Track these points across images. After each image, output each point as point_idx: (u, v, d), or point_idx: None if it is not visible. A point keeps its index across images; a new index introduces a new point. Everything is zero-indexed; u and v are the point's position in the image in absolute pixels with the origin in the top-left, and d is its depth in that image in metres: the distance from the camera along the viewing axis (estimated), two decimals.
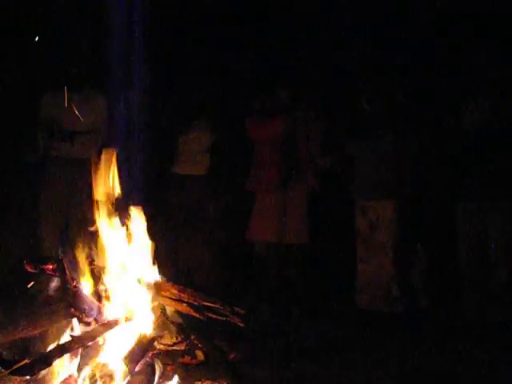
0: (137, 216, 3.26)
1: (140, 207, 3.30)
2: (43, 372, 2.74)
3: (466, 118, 4.53)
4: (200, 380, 2.93)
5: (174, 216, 5.13)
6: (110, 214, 3.19)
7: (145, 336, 3.00)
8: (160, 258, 3.39)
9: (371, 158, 4.85)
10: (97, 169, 3.28)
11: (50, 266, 3.09)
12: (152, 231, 3.30)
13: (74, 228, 4.45)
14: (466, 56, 4.78)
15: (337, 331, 4.04)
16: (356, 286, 4.90)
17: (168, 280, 3.28)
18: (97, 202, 3.21)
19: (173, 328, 3.15)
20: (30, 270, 3.12)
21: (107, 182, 3.26)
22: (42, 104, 4.73)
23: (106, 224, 3.18)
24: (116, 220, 3.21)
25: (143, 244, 3.26)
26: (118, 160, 3.31)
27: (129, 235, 3.24)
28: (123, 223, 3.24)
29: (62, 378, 2.84)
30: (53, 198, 4.66)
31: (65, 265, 3.08)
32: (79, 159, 4.58)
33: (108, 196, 3.23)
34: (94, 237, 3.21)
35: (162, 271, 3.32)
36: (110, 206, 3.20)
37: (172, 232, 5.08)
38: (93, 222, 3.20)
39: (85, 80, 4.72)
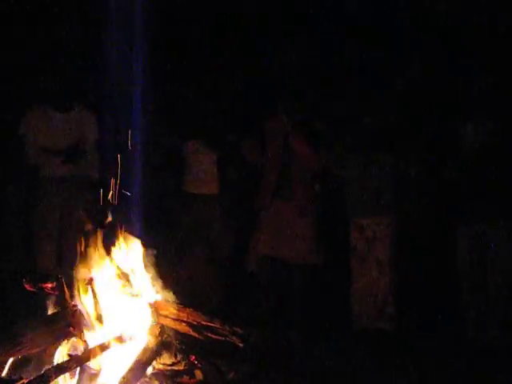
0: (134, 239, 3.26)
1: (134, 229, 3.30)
2: None
3: (467, 139, 4.56)
4: None
5: (180, 234, 5.13)
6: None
7: (143, 356, 2.98)
8: (162, 275, 3.38)
9: (368, 174, 4.85)
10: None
11: (49, 285, 3.09)
12: (155, 250, 3.29)
13: (71, 246, 4.45)
14: (468, 77, 4.81)
15: (337, 351, 4.02)
16: (351, 304, 4.86)
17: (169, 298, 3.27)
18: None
19: (172, 347, 3.13)
20: (29, 288, 3.12)
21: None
22: (29, 121, 4.74)
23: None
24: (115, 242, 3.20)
25: (142, 263, 3.26)
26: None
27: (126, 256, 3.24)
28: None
29: None
30: (47, 216, 4.67)
31: (64, 283, 3.08)
32: (72, 177, 4.61)
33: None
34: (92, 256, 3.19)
35: (163, 289, 3.31)
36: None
37: (176, 250, 5.08)
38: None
39: (75, 98, 4.75)
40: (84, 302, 3.08)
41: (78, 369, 2.88)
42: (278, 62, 5.65)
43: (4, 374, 2.88)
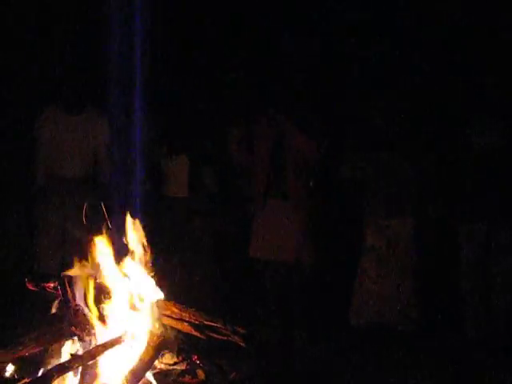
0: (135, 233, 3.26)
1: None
2: None
3: (475, 139, 4.56)
4: None
5: (164, 236, 5.14)
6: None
7: (145, 355, 2.98)
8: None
9: (386, 173, 4.79)
10: None
11: (52, 284, 3.09)
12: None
13: (74, 245, 4.45)
14: (468, 77, 4.82)
15: (338, 351, 4.03)
16: (362, 305, 4.82)
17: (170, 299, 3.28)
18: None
19: (174, 347, 3.13)
20: (31, 288, 3.13)
21: None
22: (41, 122, 4.74)
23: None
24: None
25: (143, 262, 3.27)
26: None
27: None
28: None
29: None
30: (50, 215, 4.67)
31: (66, 283, 3.08)
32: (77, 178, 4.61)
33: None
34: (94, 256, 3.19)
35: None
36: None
37: (162, 252, 5.07)
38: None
39: (86, 100, 4.74)
40: (86, 301, 3.09)
41: (80, 368, 2.88)
42: (278, 61, 5.64)
43: (8, 374, 2.89)
